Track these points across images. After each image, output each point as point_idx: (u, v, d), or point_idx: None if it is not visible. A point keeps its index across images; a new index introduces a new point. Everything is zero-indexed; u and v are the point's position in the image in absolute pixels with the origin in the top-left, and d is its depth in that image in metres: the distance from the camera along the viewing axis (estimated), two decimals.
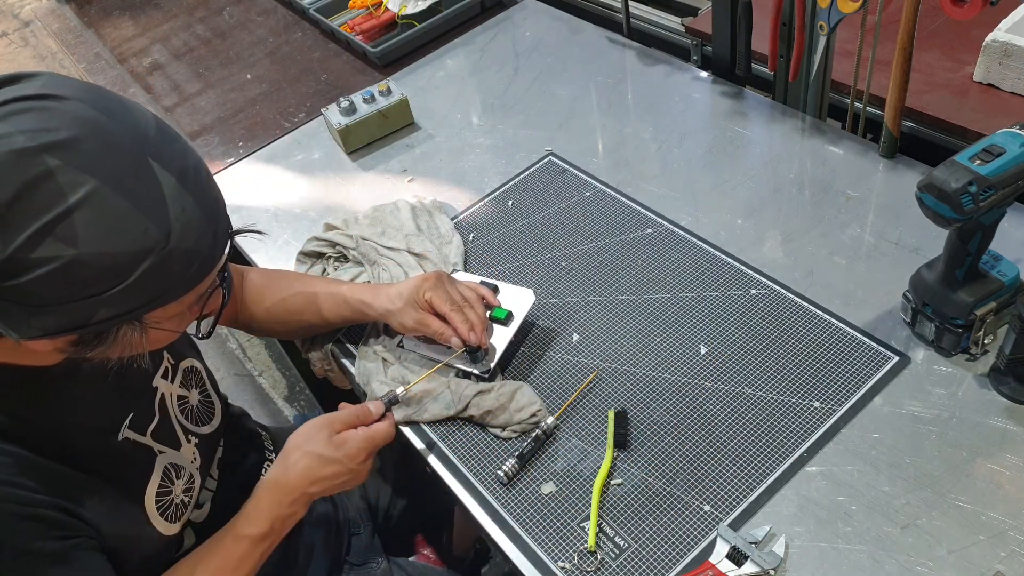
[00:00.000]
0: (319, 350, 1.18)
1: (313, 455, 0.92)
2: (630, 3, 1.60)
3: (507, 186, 1.35)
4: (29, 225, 0.61)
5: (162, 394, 0.92)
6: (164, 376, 0.94)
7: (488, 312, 1.06)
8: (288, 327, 1.15)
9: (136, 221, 0.65)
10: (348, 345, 1.15)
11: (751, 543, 0.84)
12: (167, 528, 0.87)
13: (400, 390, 0.99)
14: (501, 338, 1.06)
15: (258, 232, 0.84)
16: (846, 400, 0.95)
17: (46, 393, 0.78)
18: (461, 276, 1.15)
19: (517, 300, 1.08)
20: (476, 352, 1.01)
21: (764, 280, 1.10)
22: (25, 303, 0.64)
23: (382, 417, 0.98)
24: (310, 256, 1.27)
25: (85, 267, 0.63)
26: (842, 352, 1.00)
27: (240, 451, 1.07)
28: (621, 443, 0.96)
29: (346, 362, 1.14)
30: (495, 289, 1.10)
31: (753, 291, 1.09)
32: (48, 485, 0.74)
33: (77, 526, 0.76)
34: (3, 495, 0.71)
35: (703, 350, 1.04)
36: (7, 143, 0.61)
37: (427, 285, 1.02)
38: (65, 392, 0.79)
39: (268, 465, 1.10)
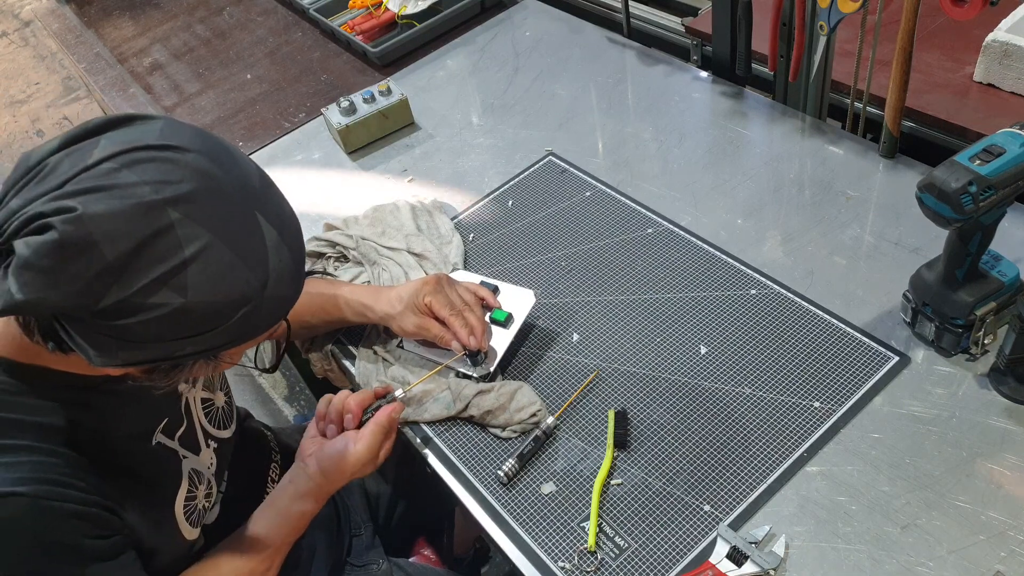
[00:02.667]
0: (319, 350, 1.18)
1: (343, 454, 0.94)
2: (630, 3, 1.60)
3: (507, 186, 1.35)
4: (147, 275, 0.63)
5: (186, 399, 0.93)
6: (186, 380, 0.94)
7: (488, 314, 1.06)
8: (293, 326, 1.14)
9: (240, 272, 0.67)
10: (348, 345, 1.15)
11: (751, 543, 0.84)
12: (190, 533, 0.88)
13: (399, 392, 0.99)
14: (501, 340, 1.06)
15: (328, 274, 0.86)
16: (846, 400, 0.95)
17: (90, 398, 0.79)
18: (461, 276, 1.15)
19: (517, 301, 1.08)
20: (476, 355, 1.02)
21: (764, 280, 1.10)
22: (121, 339, 0.65)
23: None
24: (310, 256, 1.27)
25: (189, 314, 0.65)
26: (842, 352, 1.00)
27: (248, 452, 1.07)
28: (621, 443, 0.96)
29: (346, 362, 1.14)
30: (495, 290, 1.10)
31: (753, 291, 1.09)
32: (95, 487, 0.76)
33: (119, 525, 0.78)
34: (58, 495, 0.72)
35: (703, 350, 1.04)
36: (134, 194, 0.63)
37: (427, 289, 1.02)
38: (107, 397, 0.80)
39: (274, 466, 1.10)
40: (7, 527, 0.70)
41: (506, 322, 1.06)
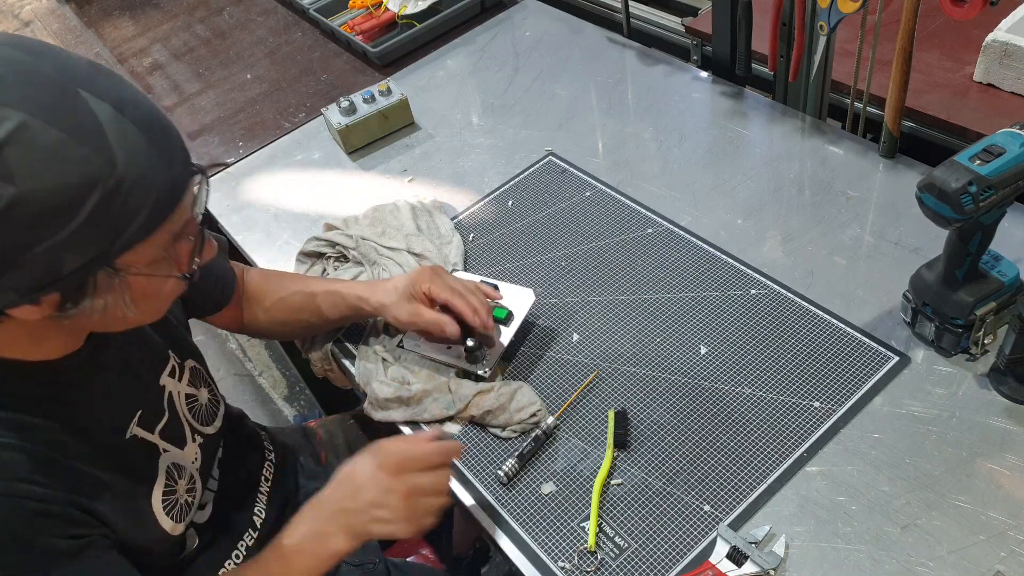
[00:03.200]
0: (319, 350, 1.18)
1: (354, 473, 0.87)
2: (630, 3, 1.60)
3: (507, 186, 1.35)
4: None
5: (170, 392, 0.92)
6: (172, 375, 0.94)
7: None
8: (288, 327, 1.15)
9: (72, 150, 0.63)
10: (348, 345, 1.15)
11: (751, 543, 0.84)
12: (173, 528, 0.87)
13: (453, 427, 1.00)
14: (502, 338, 1.06)
15: (223, 165, 0.83)
16: (846, 400, 0.95)
17: (57, 389, 0.78)
18: (461, 276, 1.15)
19: (517, 300, 1.08)
20: (477, 351, 1.01)
21: (764, 280, 1.10)
22: None
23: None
24: (310, 256, 1.27)
25: (30, 204, 0.61)
26: (842, 352, 1.00)
27: (240, 451, 1.07)
28: (621, 443, 0.96)
29: (346, 362, 1.14)
30: (495, 288, 1.10)
31: (753, 291, 1.09)
32: (63, 482, 0.74)
33: (92, 523, 0.76)
34: (19, 491, 0.70)
35: (703, 350, 1.04)
36: None
37: (423, 277, 1.01)
38: (76, 388, 0.79)
39: (268, 465, 1.10)
40: None
41: (506, 319, 1.06)
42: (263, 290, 1.13)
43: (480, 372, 1.04)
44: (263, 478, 1.08)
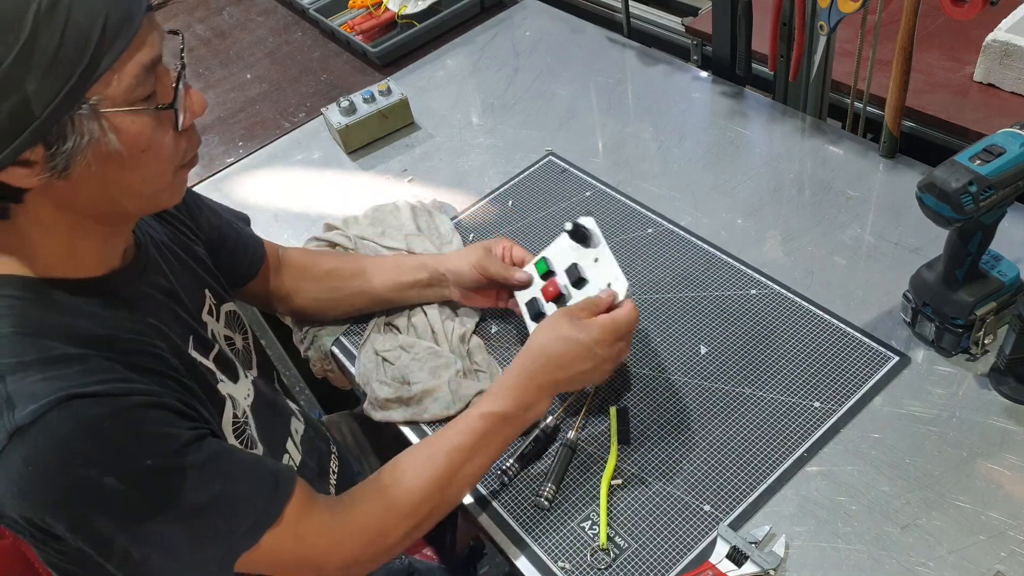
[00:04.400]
0: (319, 350, 1.18)
1: (560, 338, 0.90)
2: (630, 3, 1.60)
3: (507, 186, 1.35)
4: None
5: (212, 329, 0.90)
6: (210, 313, 0.92)
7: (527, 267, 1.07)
8: (337, 295, 1.13)
9: None
10: (348, 345, 1.15)
11: (751, 543, 0.84)
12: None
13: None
14: (605, 259, 1.00)
15: None
16: (846, 400, 0.95)
17: (114, 305, 0.76)
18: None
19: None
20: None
21: (764, 280, 1.10)
22: None
23: (617, 306, 0.94)
24: None
25: None
26: (842, 352, 1.00)
27: (312, 441, 1.03)
28: (623, 439, 0.96)
29: (346, 362, 1.14)
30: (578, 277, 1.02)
31: (753, 291, 1.09)
32: (157, 382, 0.73)
33: (199, 418, 0.75)
34: (121, 389, 0.68)
35: (703, 350, 1.04)
36: None
37: (499, 239, 1.10)
38: (129, 306, 0.77)
39: (334, 458, 1.05)
40: (93, 427, 0.66)
41: (583, 243, 1.01)
42: (310, 263, 1.14)
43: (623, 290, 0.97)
44: (331, 470, 1.04)
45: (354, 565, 0.84)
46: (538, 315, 1.02)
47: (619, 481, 0.93)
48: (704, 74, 1.47)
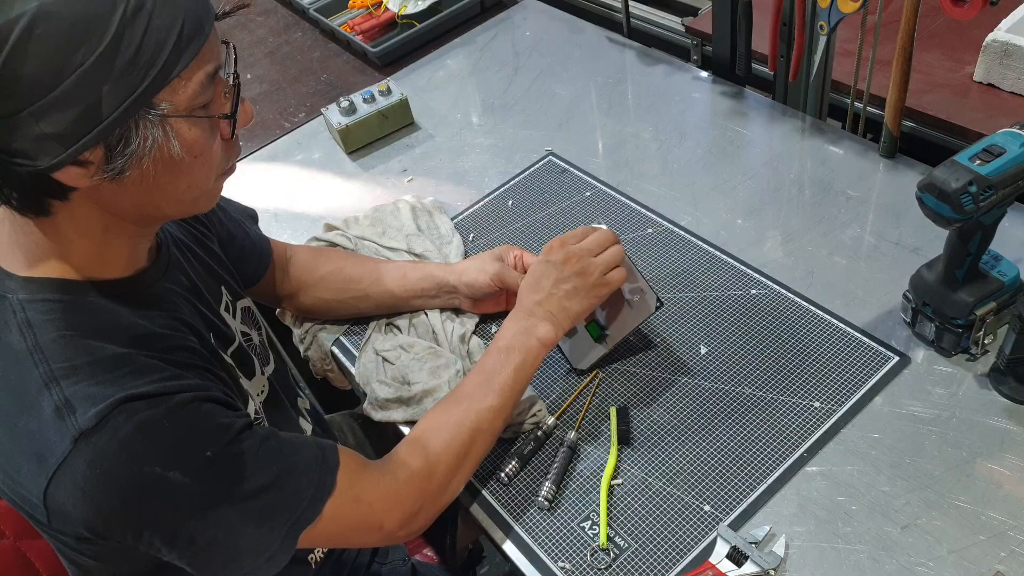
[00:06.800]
0: (319, 350, 1.18)
1: (531, 271, 1.00)
2: (630, 3, 1.60)
3: (507, 186, 1.35)
4: None
5: (230, 325, 0.91)
6: (227, 310, 0.92)
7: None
8: (342, 296, 1.14)
9: None
10: (348, 345, 1.15)
11: (751, 543, 0.84)
12: None
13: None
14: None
15: (245, 5, 0.80)
16: (846, 400, 0.95)
17: (143, 304, 0.76)
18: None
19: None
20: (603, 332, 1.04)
21: (764, 280, 1.10)
22: (18, 95, 0.60)
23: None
24: None
25: (54, 20, 0.59)
26: (842, 352, 1.00)
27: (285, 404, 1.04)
28: (624, 439, 0.96)
29: (346, 362, 1.14)
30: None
31: (753, 291, 1.09)
32: (201, 377, 0.74)
33: (242, 408, 0.77)
34: (171, 388, 0.70)
35: (703, 350, 1.04)
36: None
37: (510, 247, 1.12)
38: (155, 305, 0.78)
39: (303, 421, 1.05)
40: (152, 426, 0.67)
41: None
42: (318, 260, 1.15)
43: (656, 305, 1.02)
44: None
45: (411, 518, 0.86)
46: None
47: (619, 481, 0.93)
48: (704, 74, 1.47)
